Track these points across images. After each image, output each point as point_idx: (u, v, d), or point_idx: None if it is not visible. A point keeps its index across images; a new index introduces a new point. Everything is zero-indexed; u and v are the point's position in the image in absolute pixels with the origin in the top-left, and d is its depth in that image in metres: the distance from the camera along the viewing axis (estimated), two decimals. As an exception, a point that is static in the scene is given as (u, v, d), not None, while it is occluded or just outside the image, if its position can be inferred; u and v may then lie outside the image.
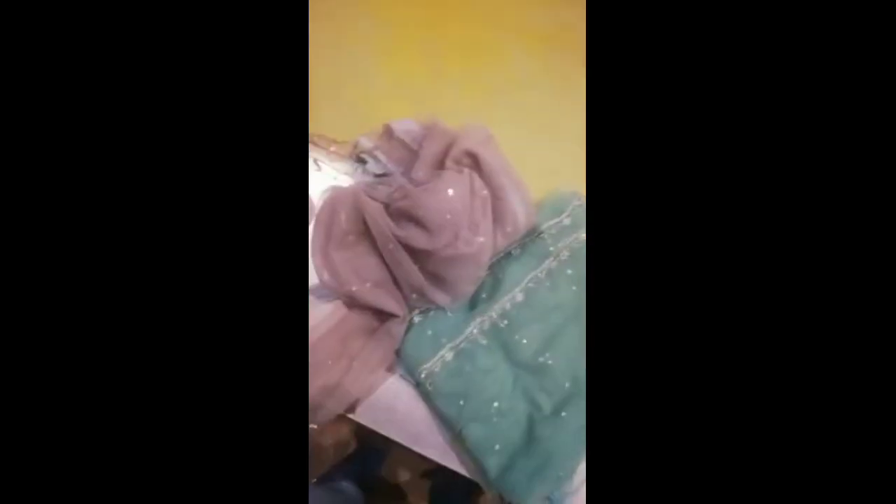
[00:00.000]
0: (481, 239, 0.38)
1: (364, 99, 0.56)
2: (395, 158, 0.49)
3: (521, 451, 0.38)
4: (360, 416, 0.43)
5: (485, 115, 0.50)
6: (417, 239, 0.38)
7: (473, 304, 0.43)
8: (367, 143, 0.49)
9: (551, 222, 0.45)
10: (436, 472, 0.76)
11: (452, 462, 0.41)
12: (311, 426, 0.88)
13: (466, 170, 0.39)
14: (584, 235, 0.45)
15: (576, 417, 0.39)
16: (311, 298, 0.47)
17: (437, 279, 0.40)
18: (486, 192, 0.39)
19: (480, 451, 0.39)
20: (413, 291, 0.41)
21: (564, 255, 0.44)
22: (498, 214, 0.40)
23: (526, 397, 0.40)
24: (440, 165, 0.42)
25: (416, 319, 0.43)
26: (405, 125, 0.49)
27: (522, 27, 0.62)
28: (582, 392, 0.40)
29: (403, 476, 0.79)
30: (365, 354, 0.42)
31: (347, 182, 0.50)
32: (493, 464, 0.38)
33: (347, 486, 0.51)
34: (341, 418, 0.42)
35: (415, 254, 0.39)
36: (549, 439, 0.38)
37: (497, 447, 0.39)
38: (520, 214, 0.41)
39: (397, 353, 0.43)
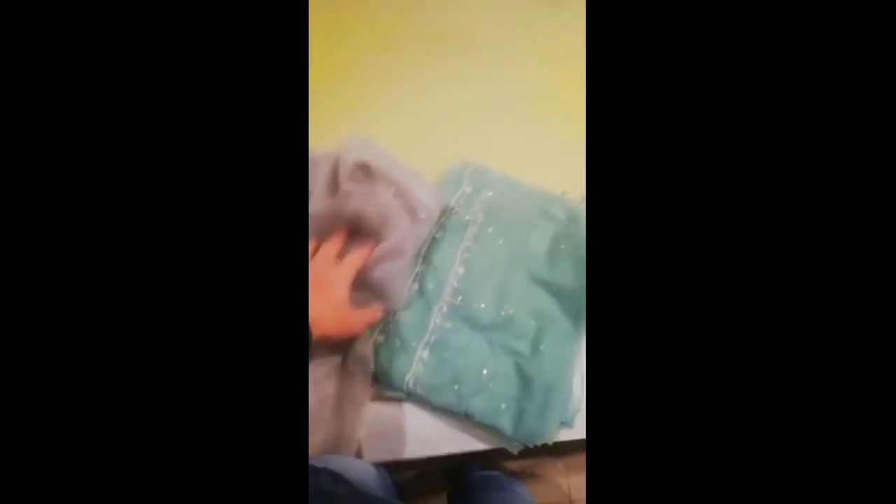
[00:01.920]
0: (395, 237, 0.40)
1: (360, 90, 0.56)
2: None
3: (524, 397, 0.41)
4: (370, 456, 0.42)
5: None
6: None
7: (425, 298, 0.44)
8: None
9: (456, 195, 0.48)
10: (448, 460, 0.77)
11: (472, 444, 0.43)
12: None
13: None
14: (489, 194, 0.49)
15: (552, 345, 0.43)
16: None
17: (368, 287, 0.41)
18: (391, 189, 0.41)
19: (490, 417, 0.41)
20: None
21: (480, 217, 0.48)
22: (407, 206, 0.42)
23: (505, 351, 0.43)
24: (335, 188, 0.42)
25: (380, 339, 0.43)
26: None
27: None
28: (550, 322, 0.44)
29: (420, 488, 0.78)
30: (344, 393, 0.41)
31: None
32: (505, 423, 0.41)
33: None
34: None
35: None
36: (540, 373, 0.42)
37: (503, 406, 0.41)
38: (427, 199, 0.43)
39: (375, 379, 0.43)
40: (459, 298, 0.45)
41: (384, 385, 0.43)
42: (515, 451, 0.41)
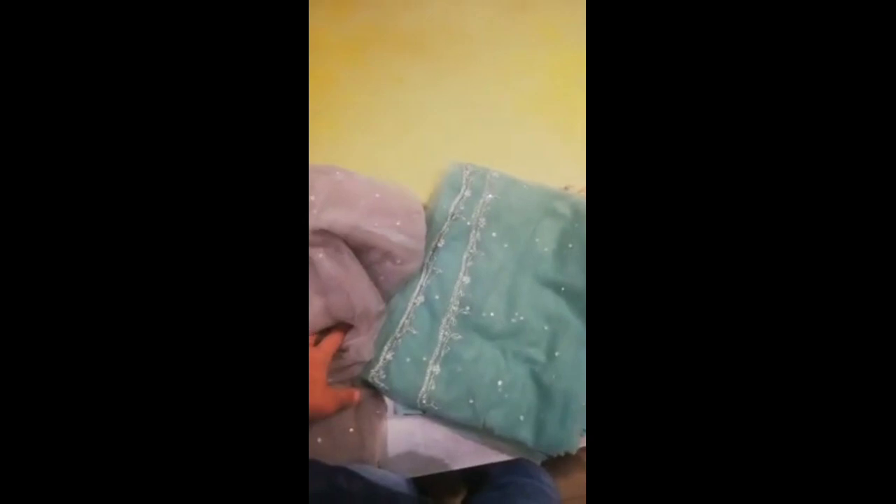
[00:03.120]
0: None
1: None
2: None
3: (543, 407, 0.40)
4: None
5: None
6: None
7: (431, 310, 0.43)
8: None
9: (456, 200, 0.46)
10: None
11: (491, 456, 0.42)
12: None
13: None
14: (490, 196, 0.47)
15: (567, 350, 0.42)
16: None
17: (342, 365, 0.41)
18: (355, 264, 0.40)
19: (509, 430, 0.39)
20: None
21: (482, 222, 0.46)
22: (384, 253, 0.40)
23: (520, 360, 0.42)
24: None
25: (389, 356, 0.41)
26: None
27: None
28: (564, 326, 0.42)
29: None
30: (360, 417, 0.40)
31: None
32: (525, 434, 0.39)
33: None
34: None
35: None
36: (558, 380, 0.40)
37: (521, 418, 0.40)
38: (401, 237, 0.41)
39: (388, 395, 0.41)
40: (467, 308, 0.43)
41: (398, 403, 0.42)
42: (538, 462, 0.40)
